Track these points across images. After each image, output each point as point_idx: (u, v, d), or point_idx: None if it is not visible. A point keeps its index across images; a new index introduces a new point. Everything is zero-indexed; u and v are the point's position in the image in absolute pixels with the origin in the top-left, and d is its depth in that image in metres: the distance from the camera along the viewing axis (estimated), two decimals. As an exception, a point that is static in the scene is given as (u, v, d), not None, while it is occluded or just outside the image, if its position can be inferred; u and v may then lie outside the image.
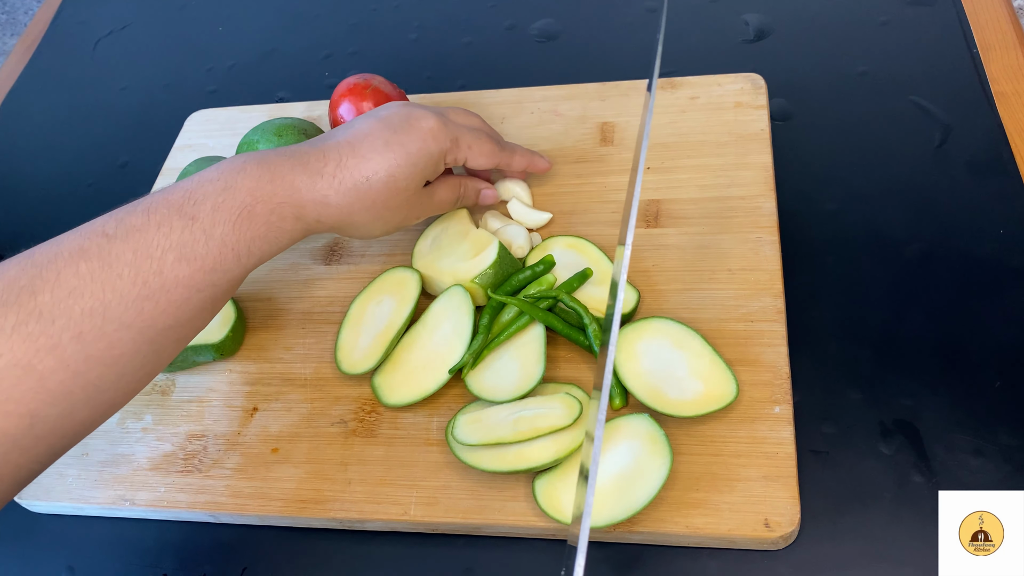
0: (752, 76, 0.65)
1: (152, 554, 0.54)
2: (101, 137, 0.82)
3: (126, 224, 0.43)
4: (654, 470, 0.46)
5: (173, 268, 0.42)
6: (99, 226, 0.43)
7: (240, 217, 0.45)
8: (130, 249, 0.42)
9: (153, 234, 0.42)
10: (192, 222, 0.43)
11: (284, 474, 0.53)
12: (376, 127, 0.51)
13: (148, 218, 0.43)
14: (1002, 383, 0.50)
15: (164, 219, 0.43)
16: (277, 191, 0.47)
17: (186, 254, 0.43)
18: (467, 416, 0.51)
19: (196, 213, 0.44)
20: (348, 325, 0.57)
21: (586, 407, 0.49)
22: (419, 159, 0.51)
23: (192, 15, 0.92)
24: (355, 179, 0.49)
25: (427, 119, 0.52)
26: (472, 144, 0.55)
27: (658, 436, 0.47)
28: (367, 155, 0.50)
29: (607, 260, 0.56)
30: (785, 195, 0.59)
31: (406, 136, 0.51)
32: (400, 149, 0.51)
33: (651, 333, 0.52)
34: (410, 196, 0.53)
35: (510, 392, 0.51)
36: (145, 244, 0.42)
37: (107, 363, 0.41)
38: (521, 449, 0.48)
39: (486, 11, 0.82)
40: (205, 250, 0.44)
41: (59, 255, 0.41)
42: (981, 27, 0.67)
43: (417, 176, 0.52)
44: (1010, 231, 0.56)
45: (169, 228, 0.43)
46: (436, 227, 0.61)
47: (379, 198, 0.50)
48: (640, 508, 0.46)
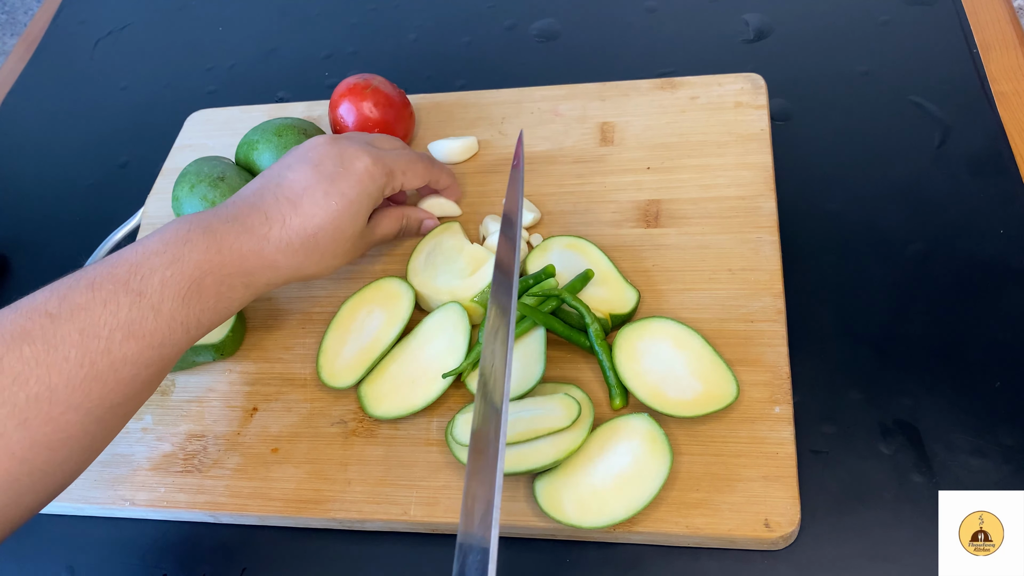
0: (752, 76, 0.65)
1: (152, 554, 0.54)
2: (101, 137, 0.82)
3: (70, 302, 0.42)
4: (654, 470, 0.46)
5: (121, 346, 0.42)
6: (41, 304, 0.41)
7: (189, 291, 0.44)
8: (76, 329, 0.41)
9: (99, 312, 0.42)
10: (140, 298, 0.43)
11: (284, 474, 0.53)
12: (312, 177, 0.51)
13: (93, 295, 0.42)
14: (1002, 383, 0.50)
15: (110, 296, 0.42)
16: (226, 262, 0.46)
17: (134, 331, 0.42)
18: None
19: (143, 289, 0.43)
20: (334, 329, 0.57)
21: (585, 408, 0.49)
22: (360, 203, 0.52)
23: (192, 15, 0.92)
24: (302, 238, 0.50)
25: (360, 159, 0.53)
26: (406, 169, 0.56)
27: (658, 436, 0.47)
28: (309, 211, 0.50)
29: (607, 260, 0.56)
30: (785, 195, 0.59)
31: (344, 183, 0.51)
32: (341, 198, 0.51)
33: (652, 333, 0.52)
34: (359, 243, 0.54)
35: (512, 391, 0.51)
36: (91, 323, 0.41)
37: (54, 447, 0.40)
38: (520, 451, 0.48)
39: (486, 11, 0.82)
40: (154, 326, 0.43)
41: (1, 339, 0.40)
42: (981, 27, 0.67)
43: (360, 219, 0.53)
44: (1010, 231, 0.56)
45: (116, 306, 0.42)
46: (429, 242, 0.60)
47: (327, 248, 0.51)
48: (640, 508, 0.46)
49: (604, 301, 0.54)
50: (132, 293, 0.43)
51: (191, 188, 0.61)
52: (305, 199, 0.50)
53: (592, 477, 0.47)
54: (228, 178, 0.61)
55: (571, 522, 0.46)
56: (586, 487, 0.47)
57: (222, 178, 0.61)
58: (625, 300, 0.54)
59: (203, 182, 0.61)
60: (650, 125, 0.64)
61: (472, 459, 0.41)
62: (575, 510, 0.46)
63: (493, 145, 0.66)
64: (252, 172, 0.64)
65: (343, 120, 0.65)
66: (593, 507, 0.46)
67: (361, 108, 0.64)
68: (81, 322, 0.41)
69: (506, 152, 0.66)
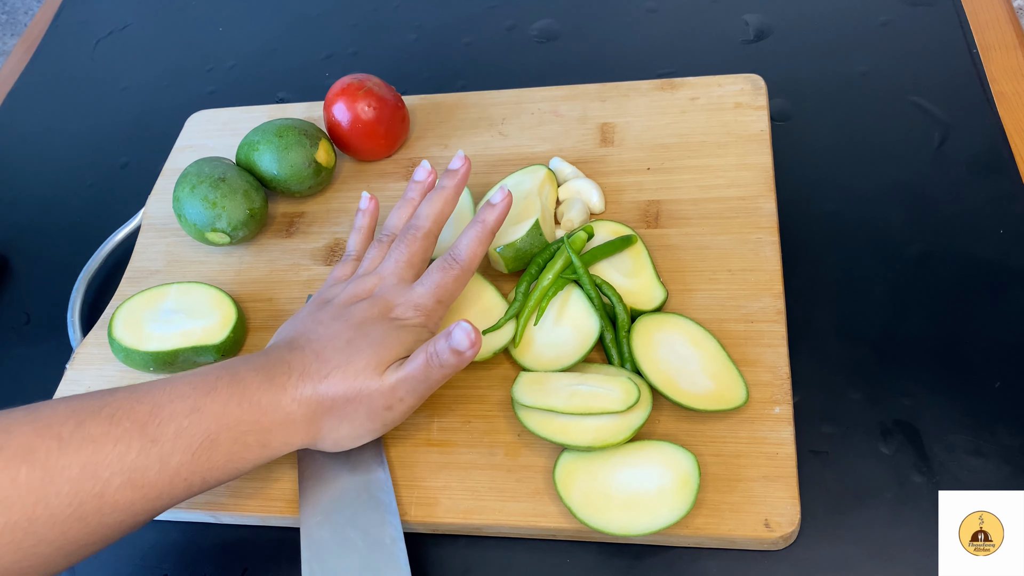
0: (752, 76, 0.65)
1: (152, 554, 0.54)
2: (101, 137, 0.82)
3: (84, 432, 0.40)
4: (668, 510, 0.45)
5: (117, 492, 0.40)
6: (57, 424, 0.40)
7: (202, 447, 0.42)
8: (78, 464, 0.39)
9: (108, 451, 0.40)
10: (152, 445, 0.41)
11: (284, 474, 0.53)
12: (340, 326, 0.48)
13: (109, 429, 0.40)
14: (1002, 383, 0.50)
15: (124, 434, 0.40)
16: (243, 418, 0.44)
17: (135, 480, 0.40)
18: (530, 376, 0.51)
19: (158, 436, 0.41)
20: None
21: (645, 394, 0.49)
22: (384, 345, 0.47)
23: (192, 15, 0.92)
24: (316, 390, 0.46)
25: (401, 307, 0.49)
26: (440, 295, 0.50)
27: (691, 481, 0.46)
28: (327, 357, 0.46)
29: (646, 253, 0.56)
30: (785, 195, 0.59)
31: (371, 327, 0.48)
32: (363, 341, 0.47)
33: (670, 326, 0.52)
34: (385, 391, 0.47)
35: (575, 353, 0.51)
36: (95, 461, 0.39)
37: (10, 573, 0.38)
38: (566, 422, 0.48)
39: (486, 11, 0.82)
40: (157, 478, 0.41)
41: (4, 449, 0.38)
42: (981, 27, 0.67)
43: (386, 361, 0.47)
44: (1010, 231, 0.56)
45: (127, 447, 0.40)
46: (513, 179, 0.60)
47: (346, 407, 0.46)
48: (635, 535, 0.45)
49: (630, 293, 0.54)
50: (146, 439, 0.41)
51: (192, 189, 0.61)
52: (328, 346, 0.47)
53: (612, 480, 0.47)
54: (229, 179, 0.61)
55: (570, 506, 0.46)
56: (601, 486, 0.47)
57: (223, 179, 0.61)
58: (652, 297, 0.54)
59: (204, 183, 0.61)
60: (650, 126, 0.64)
61: None
62: (580, 500, 0.46)
63: (493, 145, 0.66)
64: (253, 173, 0.64)
65: (337, 120, 0.65)
66: (597, 506, 0.46)
67: (355, 108, 0.64)
68: (86, 456, 0.39)
69: (507, 152, 0.66)
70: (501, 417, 0.52)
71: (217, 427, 0.43)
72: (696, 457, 0.47)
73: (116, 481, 0.40)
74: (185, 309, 0.59)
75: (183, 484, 0.42)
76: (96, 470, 0.39)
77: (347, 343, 0.47)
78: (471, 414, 0.53)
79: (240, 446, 0.44)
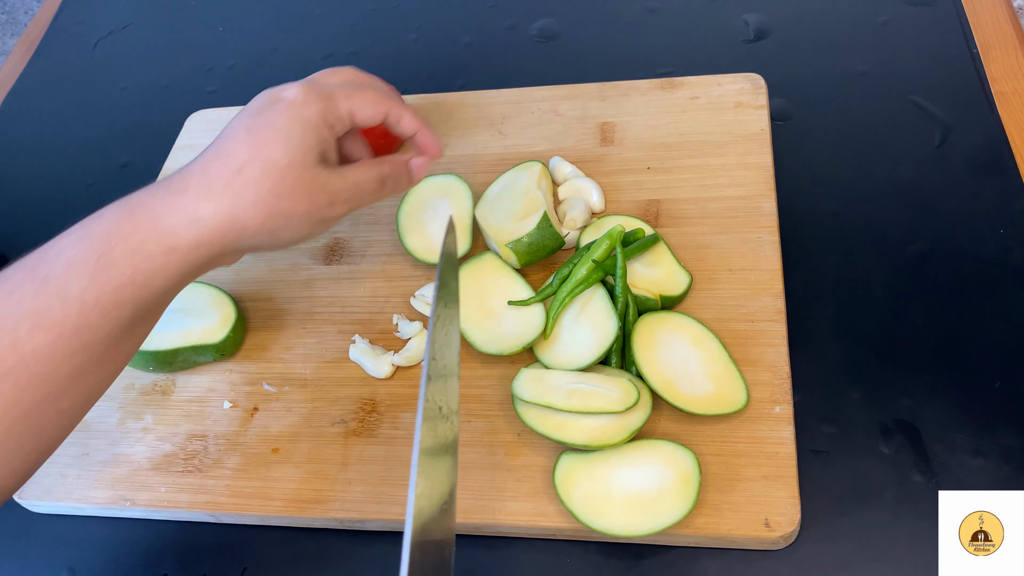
0: (752, 76, 0.65)
1: (152, 554, 0.54)
2: (101, 137, 0.82)
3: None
4: (669, 511, 0.45)
5: (29, 339, 0.38)
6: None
7: (97, 267, 0.40)
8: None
9: (4, 303, 0.39)
10: (44, 285, 0.39)
11: (284, 474, 0.53)
12: (237, 120, 0.45)
13: (1, 285, 0.39)
14: (1002, 383, 0.50)
15: (16, 285, 0.39)
16: (138, 226, 0.41)
17: (41, 322, 0.38)
18: (531, 372, 0.51)
19: (48, 273, 0.39)
20: (408, 217, 0.61)
21: (644, 396, 0.49)
22: (291, 129, 0.44)
23: (192, 15, 0.92)
24: (224, 179, 0.42)
25: (289, 89, 0.46)
26: (351, 95, 0.47)
27: (692, 480, 0.46)
28: (231, 149, 0.43)
29: (662, 241, 0.57)
30: (785, 195, 0.59)
31: (269, 113, 0.44)
32: (266, 129, 0.43)
33: (672, 326, 0.52)
34: (306, 179, 0.44)
35: (593, 353, 0.51)
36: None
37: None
38: (564, 419, 0.48)
39: (486, 11, 0.82)
40: (63, 314, 0.39)
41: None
42: (981, 27, 0.67)
43: (298, 150, 0.43)
44: (1010, 231, 0.56)
45: (21, 294, 0.39)
46: (508, 176, 0.61)
47: (263, 190, 0.42)
48: (636, 535, 0.46)
49: (656, 283, 0.54)
50: (37, 280, 0.39)
51: (191, 188, 0.61)
52: (228, 141, 0.44)
53: (612, 481, 0.47)
54: (228, 178, 0.61)
55: (571, 508, 0.46)
56: (602, 487, 0.47)
57: (222, 178, 0.61)
58: (677, 282, 0.54)
59: (203, 182, 0.61)
60: (650, 125, 0.64)
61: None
62: (581, 501, 0.46)
63: (493, 145, 0.66)
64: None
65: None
66: (598, 508, 0.46)
67: None
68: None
69: (507, 151, 0.65)
70: (501, 416, 0.52)
71: (108, 244, 0.40)
72: (696, 456, 0.47)
73: (23, 328, 0.38)
74: (185, 308, 0.59)
75: (96, 311, 0.40)
76: (1, 323, 0.38)
77: (247, 132, 0.44)
78: (471, 413, 0.53)
79: (142, 257, 0.41)
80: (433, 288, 0.43)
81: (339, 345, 0.58)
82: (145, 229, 0.41)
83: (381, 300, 0.60)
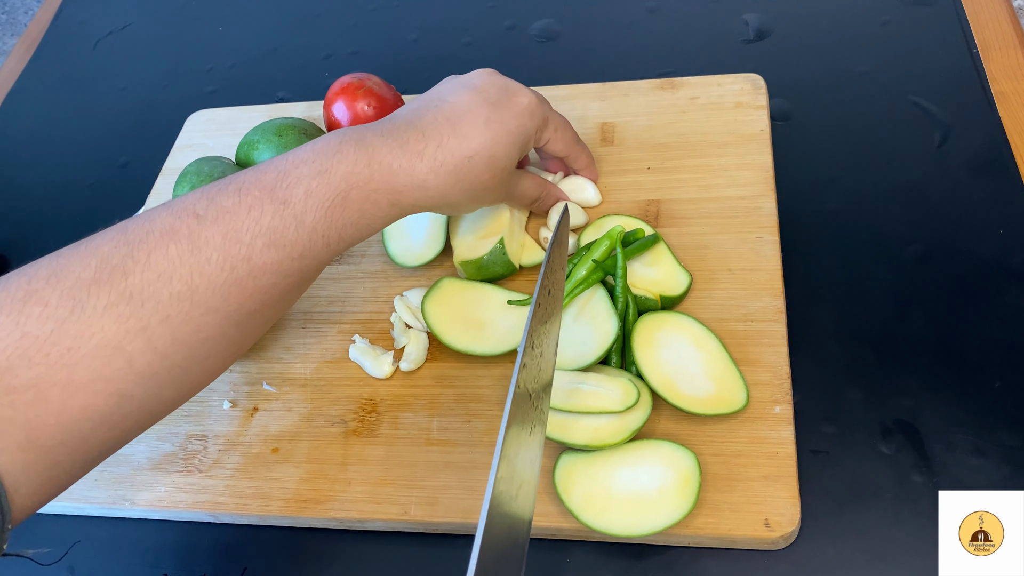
0: (752, 76, 0.65)
1: (152, 554, 0.54)
2: (101, 137, 0.82)
3: (217, 205, 0.42)
4: (669, 511, 0.45)
5: (262, 254, 0.42)
6: (191, 204, 0.42)
7: (333, 204, 0.44)
8: (220, 232, 0.41)
9: (244, 218, 0.42)
10: (284, 207, 0.42)
11: (284, 474, 0.53)
12: (474, 101, 0.49)
13: (240, 199, 0.42)
14: (1002, 383, 0.50)
15: (255, 202, 0.42)
16: (374, 176, 0.45)
17: (276, 240, 0.42)
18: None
19: (288, 197, 0.43)
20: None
21: (645, 397, 0.49)
22: (518, 137, 0.50)
23: (192, 15, 0.92)
24: (456, 160, 0.47)
25: (524, 94, 0.52)
26: (558, 127, 0.55)
27: (692, 480, 0.46)
28: (468, 134, 0.48)
29: (661, 241, 0.57)
30: (785, 195, 0.59)
31: (506, 112, 0.50)
32: (500, 127, 0.49)
33: (672, 326, 0.52)
34: (506, 176, 0.51)
35: (593, 353, 0.51)
36: (235, 228, 0.41)
37: (192, 346, 0.41)
38: (564, 419, 0.48)
39: (486, 11, 0.82)
40: (295, 236, 0.43)
41: (151, 234, 0.41)
42: (981, 27, 0.67)
43: (513, 154, 0.51)
44: (1010, 231, 0.56)
45: (260, 212, 0.42)
46: None
47: (478, 179, 0.49)
48: (636, 535, 0.45)
49: (656, 283, 0.54)
50: (277, 201, 0.42)
51: (192, 188, 0.61)
52: (465, 121, 0.48)
53: (612, 480, 0.47)
54: (228, 178, 0.61)
55: (571, 508, 0.46)
56: (601, 487, 0.47)
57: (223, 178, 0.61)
58: (677, 282, 0.54)
59: (204, 182, 0.61)
60: (650, 125, 0.64)
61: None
62: (581, 501, 0.46)
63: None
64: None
65: (337, 121, 0.65)
66: (598, 508, 0.46)
67: (355, 108, 0.64)
68: (225, 226, 0.41)
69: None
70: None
71: (347, 185, 0.44)
72: (696, 456, 0.47)
73: (259, 243, 0.42)
74: (185, 309, 0.59)
75: (321, 241, 0.44)
76: (238, 235, 0.41)
77: (485, 123, 0.49)
78: (471, 414, 0.53)
79: (371, 204, 0.45)
80: (540, 273, 0.45)
81: (339, 345, 0.58)
82: (379, 180, 0.45)
83: (381, 300, 0.60)
